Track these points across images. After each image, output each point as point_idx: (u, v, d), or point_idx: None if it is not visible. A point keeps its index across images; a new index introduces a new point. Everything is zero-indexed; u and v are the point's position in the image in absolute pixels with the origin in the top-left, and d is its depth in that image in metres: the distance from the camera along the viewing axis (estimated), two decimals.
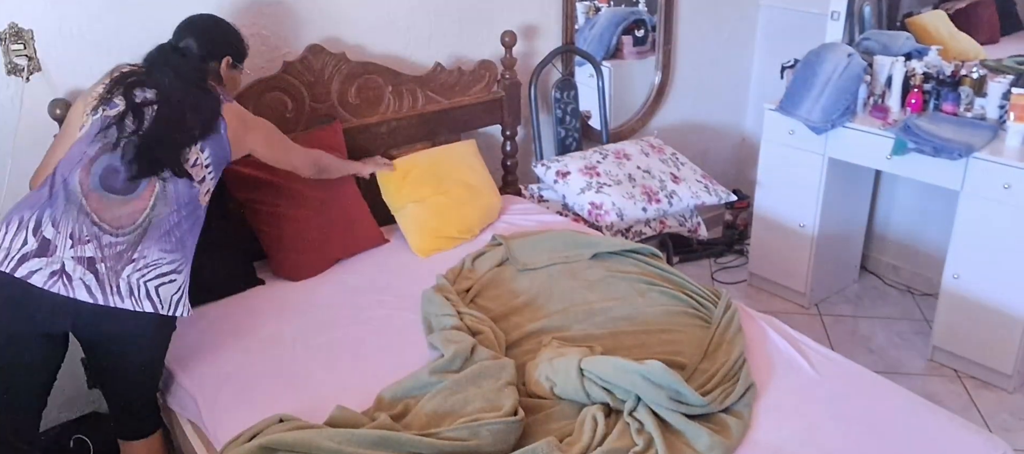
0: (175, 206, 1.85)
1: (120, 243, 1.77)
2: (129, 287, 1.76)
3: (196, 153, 1.90)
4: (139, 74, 1.93)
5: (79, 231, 1.75)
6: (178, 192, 1.86)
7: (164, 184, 1.83)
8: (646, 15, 3.64)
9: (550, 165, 3.08)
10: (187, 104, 1.91)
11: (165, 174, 1.84)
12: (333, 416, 1.73)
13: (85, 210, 1.76)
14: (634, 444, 1.66)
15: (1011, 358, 2.80)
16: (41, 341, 1.80)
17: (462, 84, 2.94)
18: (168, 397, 2.02)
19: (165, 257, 1.81)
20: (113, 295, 1.74)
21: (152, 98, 1.89)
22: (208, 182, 1.94)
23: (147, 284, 1.78)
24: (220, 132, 1.95)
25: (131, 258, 1.77)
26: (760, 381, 1.91)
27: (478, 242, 2.65)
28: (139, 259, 1.78)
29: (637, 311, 2.17)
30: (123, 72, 1.94)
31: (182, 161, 1.87)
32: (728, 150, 4.16)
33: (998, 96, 2.85)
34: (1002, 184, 2.67)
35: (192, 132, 1.90)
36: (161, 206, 1.82)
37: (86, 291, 1.72)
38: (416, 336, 2.10)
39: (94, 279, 1.73)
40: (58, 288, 1.71)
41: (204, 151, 1.91)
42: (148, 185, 1.82)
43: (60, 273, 1.72)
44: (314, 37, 2.60)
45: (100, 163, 1.81)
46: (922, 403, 1.87)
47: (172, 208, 1.84)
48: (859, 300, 3.52)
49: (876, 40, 3.34)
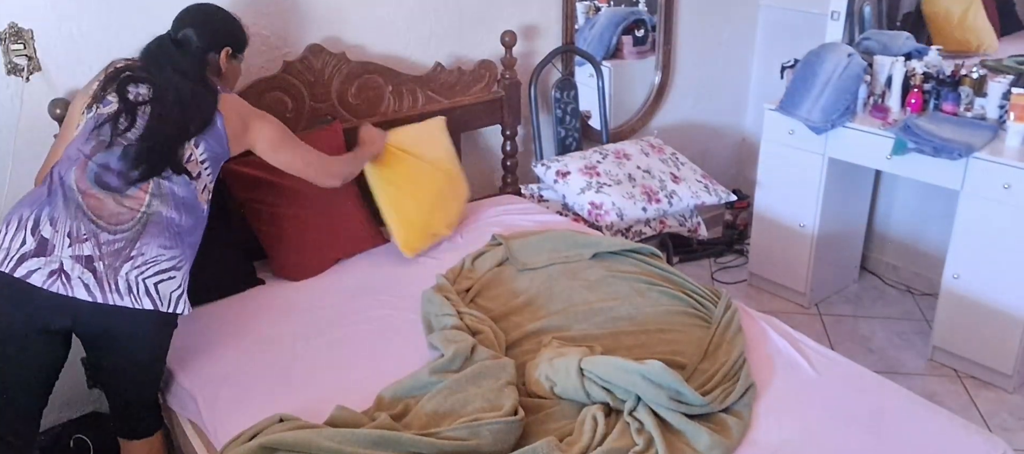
0: (173, 203, 1.84)
1: (118, 240, 1.76)
2: (128, 284, 1.75)
3: (190, 149, 1.88)
4: (134, 69, 1.91)
5: (77, 229, 1.75)
6: (175, 190, 1.84)
7: (160, 181, 1.83)
8: (646, 15, 3.64)
9: (550, 165, 3.08)
10: (182, 100, 1.88)
11: (165, 172, 1.83)
12: (333, 416, 1.73)
13: (82, 208, 1.76)
14: (634, 444, 1.66)
15: (1011, 358, 2.80)
16: (42, 340, 1.79)
17: (462, 84, 2.94)
18: (168, 397, 2.02)
19: (164, 253, 1.81)
20: (112, 293, 1.74)
21: (146, 95, 1.87)
22: (205, 179, 1.92)
23: (146, 281, 1.77)
24: (217, 127, 1.92)
25: (129, 255, 1.76)
26: (760, 381, 1.91)
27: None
28: (137, 256, 1.77)
29: (637, 311, 2.17)
30: (117, 68, 1.92)
31: (179, 158, 1.85)
32: (728, 150, 4.16)
33: (998, 96, 2.85)
34: (1002, 184, 2.67)
35: (187, 128, 1.87)
36: (158, 203, 1.82)
37: (85, 289, 1.72)
38: (416, 336, 2.10)
39: (92, 277, 1.73)
40: (57, 287, 1.71)
41: (199, 147, 1.89)
42: (144, 182, 1.81)
43: (58, 272, 1.72)
44: (314, 37, 2.60)
45: (95, 161, 1.80)
46: (922, 403, 1.87)
47: (169, 205, 1.83)
48: (859, 300, 3.52)
49: (876, 40, 3.34)
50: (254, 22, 2.48)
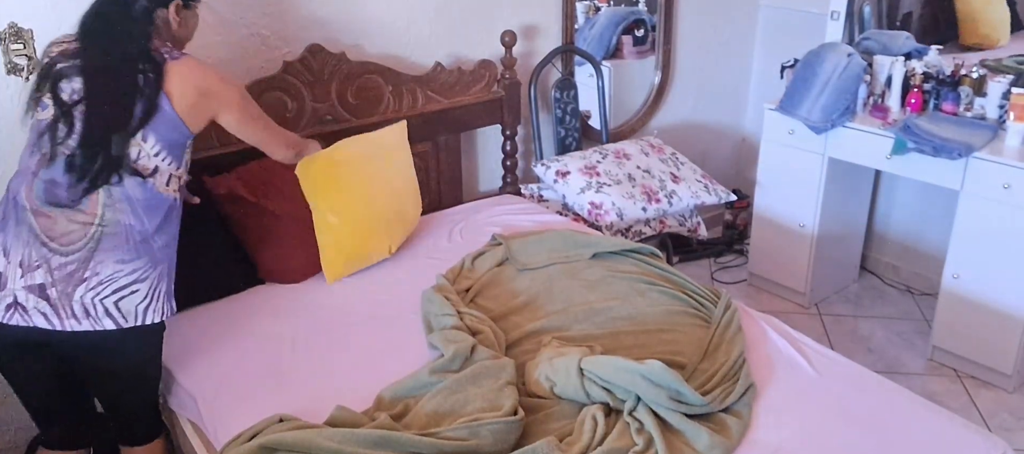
0: (129, 208, 1.69)
1: (70, 263, 1.65)
2: (84, 308, 1.66)
3: (139, 145, 1.68)
4: (68, 53, 1.70)
5: (28, 257, 1.65)
6: (128, 194, 1.68)
7: (110, 188, 1.67)
8: (646, 15, 3.64)
9: (550, 165, 3.08)
10: (113, 94, 1.67)
11: (113, 178, 1.67)
12: (333, 416, 1.73)
13: (34, 230, 1.66)
14: (634, 444, 1.66)
15: (1011, 358, 2.80)
16: (30, 354, 1.76)
17: (462, 84, 2.94)
18: (168, 397, 2.02)
19: (123, 269, 1.68)
20: (68, 319, 1.65)
21: (79, 91, 1.67)
22: (166, 170, 1.73)
23: (103, 302, 1.67)
24: (164, 111, 1.69)
25: (82, 278, 1.65)
26: (760, 381, 1.91)
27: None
28: (91, 277, 1.66)
29: (637, 311, 2.17)
30: (51, 58, 1.73)
31: (127, 161, 1.67)
32: (728, 150, 4.16)
33: (998, 96, 2.85)
34: (1002, 184, 2.67)
35: (127, 124, 1.66)
36: (111, 213, 1.67)
37: (43, 318, 1.65)
38: (416, 336, 2.10)
39: (47, 305, 1.65)
40: (16, 320, 1.65)
41: (148, 140, 1.69)
42: (92, 192, 1.66)
43: (14, 305, 1.65)
44: (314, 37, 2.60)
45: (41, 177, 1.67)
46: (922, 403, 1.87)
47: (126, 211, 1.68)
48: (859, 300, 3.52)
49: (876, 40, 3.34)
50: (254, 22, 2.48)
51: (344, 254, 2.37)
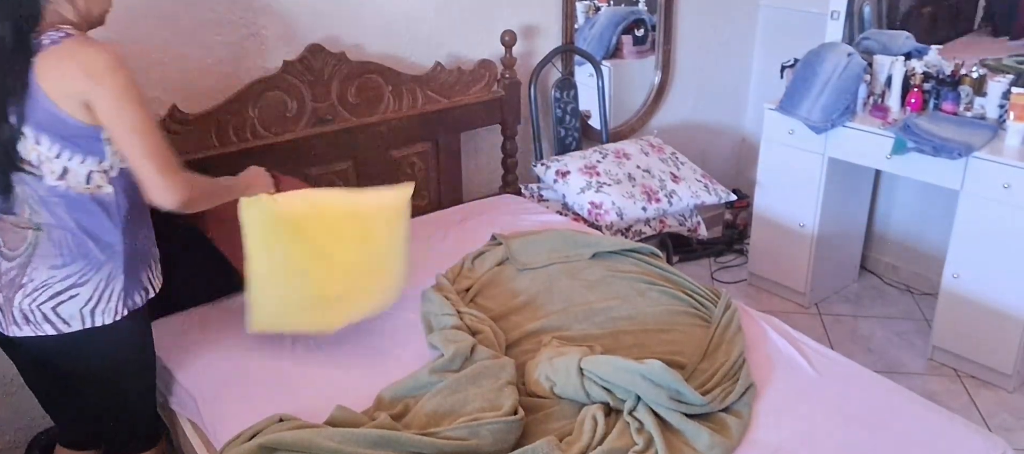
0: (58, 210, 1.57)
1: (13, 269, 1.60)
2: (23, 314, 1.61)
3: (32, 146, 1.51)
4: None
5: None
6: (43, 198, 1.56)
7: (32, 194, 1.56)
8: (646, 15, 3.64)
9: (550, 165, 3.08)
10: None
11: (17, 186, 1.55)
12: (333, 416, 1.73)
13: None
14: (634, 443, 1.66)
15: (1011, 358, 2.80)
16: (11, 353, 1.76)
17: (462, 84, 2.94)
18: (168, 397, 2.01)
19: (56, 274, 1.59)
20: (12, 325, 1.62)
21: None
22: (78, 170, 1.55)
23: (41, 308, 1.60)
24: (43, 107, 1.48)
25: (20, 283, 1.60)
26: (760, 381, 1.91)
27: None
28: (27, 283, 1.60)
29: (637, 311, 2.17)
30: None
31: (25, 164, 1.53)
32: (728, 150, 4.16)
33: (998, 95, 2.86)
34: (1002, 184, 2.67)
35: (11, 124, 1.48)
36: (39, 218, 1.58)
37: None
38: (416, 336, 2.10)
39: None
40: None
41: (41, 143, 1.51)
42: (18, 201, 1.57)
43: None
44: (314, 37, 2.60)
45: None
46: (922, 403, 1.87)
47: (55, 213, 1.57)
48: (859, 300, 3.52)
49: (876, 40, 3.34)
50: (254, 22, 2.48)
51: (268, 315, 1.97)
